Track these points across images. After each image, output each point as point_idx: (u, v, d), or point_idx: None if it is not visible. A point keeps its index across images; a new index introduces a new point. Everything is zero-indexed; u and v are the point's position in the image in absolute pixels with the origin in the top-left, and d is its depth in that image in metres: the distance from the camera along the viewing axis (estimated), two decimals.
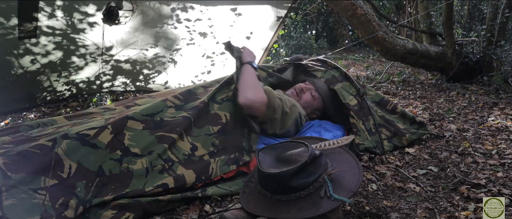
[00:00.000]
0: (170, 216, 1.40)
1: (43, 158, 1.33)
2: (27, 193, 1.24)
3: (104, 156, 1.42)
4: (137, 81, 3.40)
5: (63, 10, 2.51)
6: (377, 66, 5.93)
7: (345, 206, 1.44)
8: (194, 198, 1.47)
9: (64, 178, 1.32)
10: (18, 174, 1.27)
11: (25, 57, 2.64)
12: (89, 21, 2.67)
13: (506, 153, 2.07)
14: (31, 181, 1.27)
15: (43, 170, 1.30)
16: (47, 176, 1.29)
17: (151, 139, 1.54)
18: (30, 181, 1.27)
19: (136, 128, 1.55)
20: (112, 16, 2.58)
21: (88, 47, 2.86)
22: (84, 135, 1.42)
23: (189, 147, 1.61)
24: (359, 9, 3.63)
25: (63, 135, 1.41)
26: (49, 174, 1.30)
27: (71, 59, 2.89)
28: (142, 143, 1.52)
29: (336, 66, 2.18)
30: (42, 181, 1.28)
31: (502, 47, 3.97)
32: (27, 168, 1.29)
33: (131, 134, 1.52)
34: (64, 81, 3.03)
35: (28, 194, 1.24)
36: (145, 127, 1.57)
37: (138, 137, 1.53)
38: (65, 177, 1.33)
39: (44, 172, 1.30)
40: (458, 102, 3.44)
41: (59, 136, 1.41)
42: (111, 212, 1.31)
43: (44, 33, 2.58)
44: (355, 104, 2.09)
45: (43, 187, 1.27)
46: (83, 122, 1.62)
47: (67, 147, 1.37)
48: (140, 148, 1.51)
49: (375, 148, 2.02)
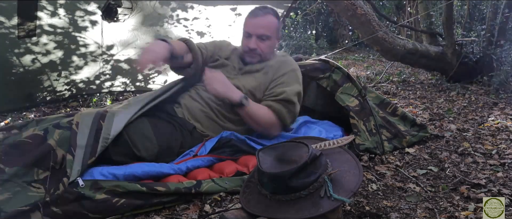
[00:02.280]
0: (170, 216, 1.40)
1: (35, 148, 1.35)
2: (22, 185, 1.27)
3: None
4: (137, 81, 3.40)
5: (65, 8, 2.51)
6: (377, 66, 5.93)
7: (345, 206, 1.44)
8: (188, 194, 1.46)
9: (56, 169, 1.35)
10: (11, 167, 1.29)
11: (26, 56, 2.64)
12: (91, 19, 2.67)
13: (506, 153, 2.07)
14: (24, 174, 1.30)
15: (37, 161, 1.33)
16: (40, 168, 1.32)
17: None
18: (23, 174, 1.30)
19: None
20: (111, 13, 2.58)
21: (88, 46, 2.86)
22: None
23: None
24: (359, 9, 3.63)
25: (55, 125, 1.44)
26: (42, 166, 1.33)
27: (71, 58, 2.89)
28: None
29: (339, 66, 2.18)
30: (35, 173, 1.31)
31: (502, 47, 3.97)
32: (20, 160, 1.31)
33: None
34: (65, 81, 3.03)
35: (22, 187, 1.27)
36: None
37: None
38: (58, 168, 1.36)
39: (37, 164, 1.33)
40: (458, 102, 3.44)
41: (51, 126, 1.43)
42: (105, 195, 1.33)
43: (46, 31, 2.58)
44: (356, 105, 2.09)
45: (36, 179, 1.30)
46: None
47: (59, 137, 1.39)
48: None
49: (376, 148, 2.02)
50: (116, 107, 1.70)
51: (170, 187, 1.42)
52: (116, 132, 1.49)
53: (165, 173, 1.53)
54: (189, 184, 1.47)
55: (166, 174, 1.53)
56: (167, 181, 1.50)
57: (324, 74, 2.16)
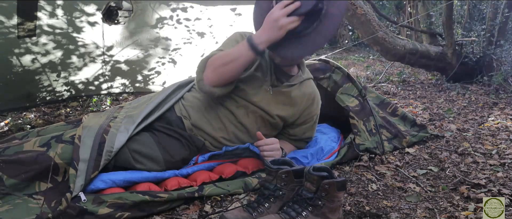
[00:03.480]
0: (170, 216, 1.39)
1: (36, 162, 1.33)
2: (23, 198, 1.26)
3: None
4: (136, 82, 3.40)
5: (64, 9, 2.51)
6: (377, 66, 5.93)
7: (345, 206, 1.44)
8: (192, 198, 1.46)
9: (59, 182, 1.34)
10: (11, 180, 1.28)
11: (26, 56, 2.64)
12: (89, 20, 2.67)
13: (506, 153, 2.07)
14: (25, 187, 1.29)
15: (38, 174, 1.31)
16: (41, 181, 1.30)
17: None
18: (24, 187, 1.29)
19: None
20: (111, 15, 2.58)
21: (88, 46, 2.86)
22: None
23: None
24: (359, 9, 3.63)
25: (57, 139, 1.41)
26: (44, 179, 1.31)
27: (71, 59, 2.89)
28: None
29: (339, 66, 2.17)
30: (37, 185, 1.29)
31: (502, 47, 3.97)
32: (21, 173, 1.30)
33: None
34: (64, 82, 3.03)
35: (23, 200, 1.26)
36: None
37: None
38: (60, 180, 1.34)
39: (38, 177, 1.31)
40: (458, 102, 3.44)
41: (53, 141, 1.41)
42: (108, 209, 1.31)
43: (45, 32, 2.58)
44: (356, 105, 2.09)
45: (38, 191, 1.28)
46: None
47: (62, 151, 1.37)
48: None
49: (376, 148, 2.02)
50: (117, 113, 1.66)
51: (172, 194, 1.41)
52: (120, 144, 1.46)
53: (165, 177, 1.53)
54: (191, 189, 1.46)
55: (166, 177, 1.53)
56: (167, 183, 1.49)
57: (324, 74, 2.16)
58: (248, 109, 1.69)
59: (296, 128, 1.82)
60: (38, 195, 1.28)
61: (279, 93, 1.72)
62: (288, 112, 1.75)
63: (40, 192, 1.29)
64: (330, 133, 2.10)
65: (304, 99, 1.78)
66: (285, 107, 1.74)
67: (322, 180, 1.26)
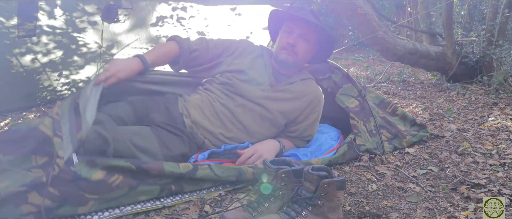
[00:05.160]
0: (170, 216, 1.39)
1: (29, 136, 1.34)
2: (21, 173, 1.27)
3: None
4: None
5: (63, 9, 2.51)
6: (377, 66, 5.93)
7: (345, 206, 1.44)
8: (182, 178, 1.46)
9: (53, 153, 1.34)
10: (7, 156, 1.29)
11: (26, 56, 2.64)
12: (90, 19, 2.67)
13: (506, 153, 2.07)
14: (22, 162, 1.30)
15: (33, 149, 1.32)
16: (37, 155, 1.31)
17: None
18: (21, 162, 1.30)
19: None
20: (111, 14, 2.58)
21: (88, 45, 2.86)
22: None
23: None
24: (359, 9, 3.63)
25: (43, 115, 1.44)
26: (40, 153, 1.31)
27: (72, 58, 2.89)
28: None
29: (338, 66, 2.17)
30: (33, 159, 1.30)
31: (502, 47, 3.97)
32: (17, 149, 1.31)
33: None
34: (64, 81, 3.03)
35: (22, 174, 1.27)
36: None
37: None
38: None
39: (34, 151, 1.32)
40: (458, 102, 3.44)
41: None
42: (101, 174, 1.32)
43: (45, 32, 2.58)
44: (356, 105, 2.09)
45: (35, 165, 1.29)
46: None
47: (49, 123, 1.38)
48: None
49: (376, 149, 2.02)
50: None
51: (164, 168, 1.42)
52: (90, 92, 1.50)
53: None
54: (185, 168, 1.47)
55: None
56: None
57: (324, 75, 2.16)
58: (246, 107, 1.75)
59: (297, 125, 1.85)
60: (36, 169, 1.29)
61: (279, 90, 1.78)
62: (288, 107, 1.78)
63: (38, 166, 1.30)
64: (331, 132, 2.10)
65: (307, 95, 1.82)
66: (285, 102, 1.78)
67: (322, 180, 1.26)
